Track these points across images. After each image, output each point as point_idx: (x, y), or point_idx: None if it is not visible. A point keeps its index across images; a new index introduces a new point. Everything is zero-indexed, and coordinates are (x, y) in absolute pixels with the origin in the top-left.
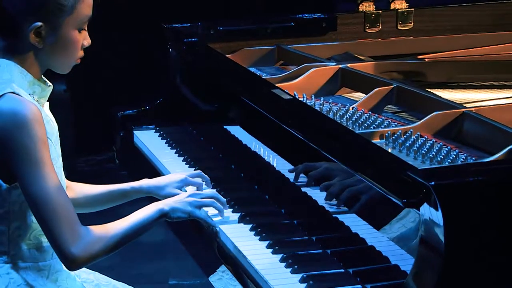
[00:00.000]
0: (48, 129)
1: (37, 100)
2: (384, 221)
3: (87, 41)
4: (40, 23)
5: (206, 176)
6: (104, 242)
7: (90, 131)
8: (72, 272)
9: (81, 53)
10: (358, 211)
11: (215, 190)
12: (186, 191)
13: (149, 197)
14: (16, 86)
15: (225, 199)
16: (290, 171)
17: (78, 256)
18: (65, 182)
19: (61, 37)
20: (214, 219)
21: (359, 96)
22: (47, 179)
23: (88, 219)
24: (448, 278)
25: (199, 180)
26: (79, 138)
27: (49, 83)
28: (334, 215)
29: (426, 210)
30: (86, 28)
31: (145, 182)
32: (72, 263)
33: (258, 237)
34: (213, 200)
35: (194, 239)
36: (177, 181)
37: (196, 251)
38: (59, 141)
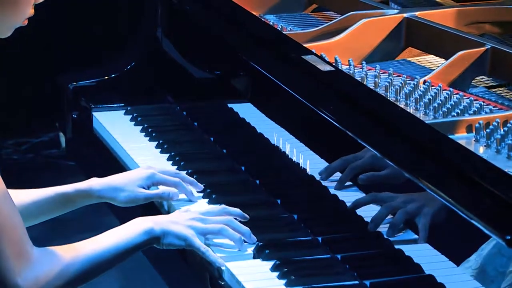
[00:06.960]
0: None
1: None
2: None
3: None
4: None
5: (188, 177)
6: (66, 272)
7: (21, 99)
8: None
9: (31, 12)
10: (433, 242)
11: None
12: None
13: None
14: None
15: (247, 228)
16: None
17: None
18: None
19: None
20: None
21: (434, 61)
22: None
23: (45, 238)
24: None
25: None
26: (4, 110)
27: None
28: (397, 246)
29: None
30: None
31: (95, 183)
32: None
33: (285, 282)
34: (225, 226)
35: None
36: (140, 178)
37: None
38: None
